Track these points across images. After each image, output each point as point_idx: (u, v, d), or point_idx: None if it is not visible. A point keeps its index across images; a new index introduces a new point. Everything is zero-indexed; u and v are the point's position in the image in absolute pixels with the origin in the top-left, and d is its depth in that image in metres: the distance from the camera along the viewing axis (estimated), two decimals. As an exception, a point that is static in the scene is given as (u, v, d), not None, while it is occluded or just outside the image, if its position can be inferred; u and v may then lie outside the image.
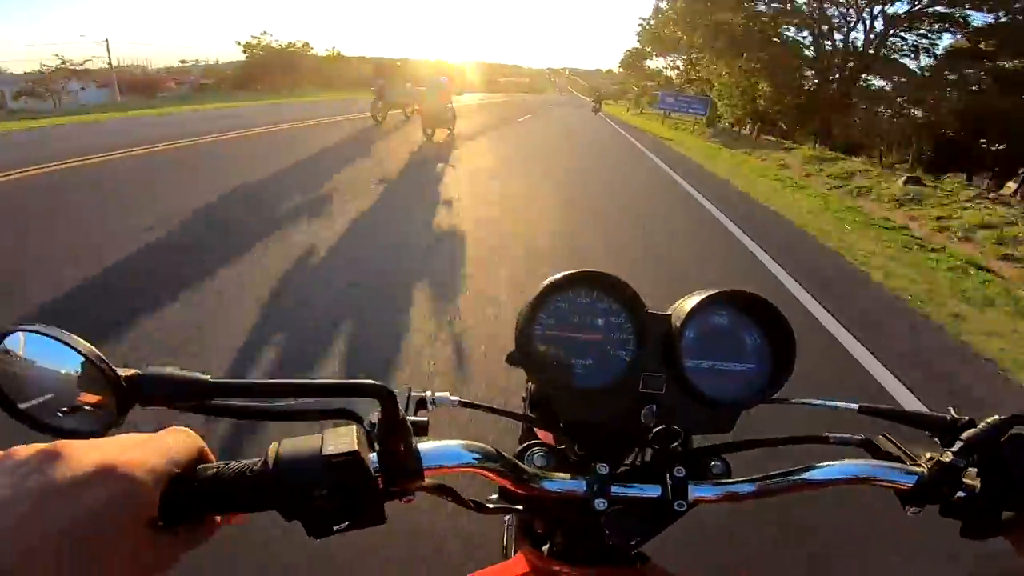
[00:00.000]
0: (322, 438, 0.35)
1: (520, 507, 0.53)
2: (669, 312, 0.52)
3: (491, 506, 0.53)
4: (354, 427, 0.37)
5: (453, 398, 0.49)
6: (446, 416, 1.93)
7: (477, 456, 0.43)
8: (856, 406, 0.53)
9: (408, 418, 0.40)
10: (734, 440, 0.53)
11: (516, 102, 36.39)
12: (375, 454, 0.37)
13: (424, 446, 0.40)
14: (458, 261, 4.01)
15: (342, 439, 0.35)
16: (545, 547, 0.59)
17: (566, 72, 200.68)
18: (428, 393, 0.49)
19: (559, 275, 0.50)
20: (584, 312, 0.51)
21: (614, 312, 0.52)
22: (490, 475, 0.44)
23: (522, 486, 0.46)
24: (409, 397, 0.47)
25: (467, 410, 0.51)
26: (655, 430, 0.47)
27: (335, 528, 0.35)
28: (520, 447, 0.53)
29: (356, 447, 0.34)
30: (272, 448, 0.35)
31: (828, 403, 0.54)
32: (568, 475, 0.48)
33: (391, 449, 0.37)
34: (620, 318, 0.51)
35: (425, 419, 0.43)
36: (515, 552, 0.64)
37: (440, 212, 5.39)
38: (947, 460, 0.43)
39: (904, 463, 0.47)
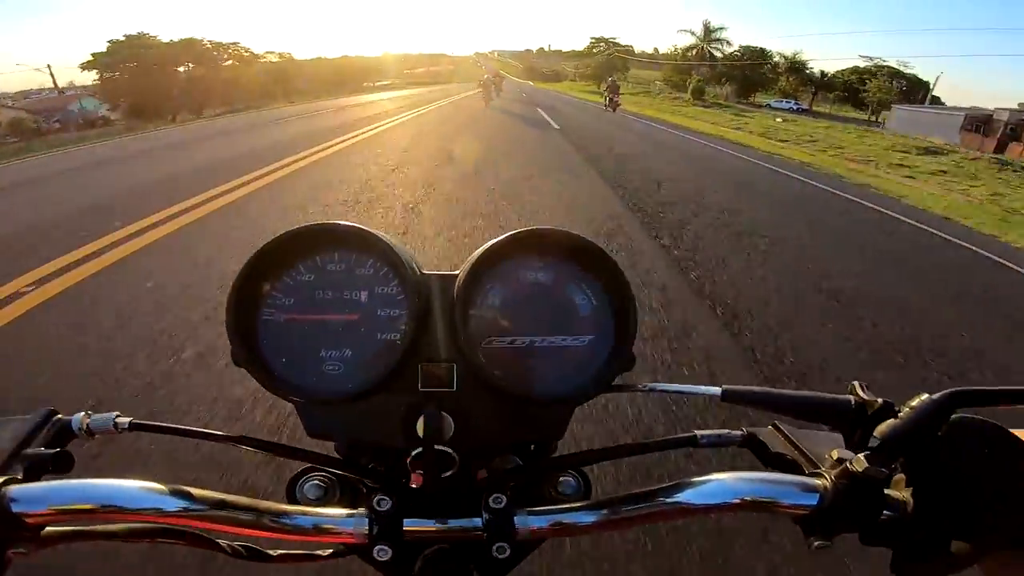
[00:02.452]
0: None
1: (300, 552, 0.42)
2: (458, 271, 0.40)
3: (275, 553, 0.42)
4: None
5: (123, 420, 0.38)
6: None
7: (130, 497, 0.32)
8: (719, 391, 0.40)
9: (28, 451, 0.33)
10: (585, 449, 0.41)
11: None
12: None
13: (33, 487, 0.31)
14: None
15: None
16: None
17: (495, 55, 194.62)
18: (79, 416, 0.38)
19: (289, 231, 0.38)
20: (337, 283, 0.40)
21: (380, 279, 0.40)
22: (165, 522, 0.34)
23: (266, 530, 0.35)
24: (51, 422, 0.37)
25: None
26: (432, 448, 0.36)
27: None
28: (297, 472, 0.41)
29: None
30: None
31: (684, 389, 0.41)
32: (345, 511, 0.36)
33: None
34: (389, 285, 0.40)
35: (57, 450, 0.34)
36: None
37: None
38: (859, 469, 0.31)
39: (802, 471, 0.36)
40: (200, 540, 0.39)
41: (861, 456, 0.32)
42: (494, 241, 0.40)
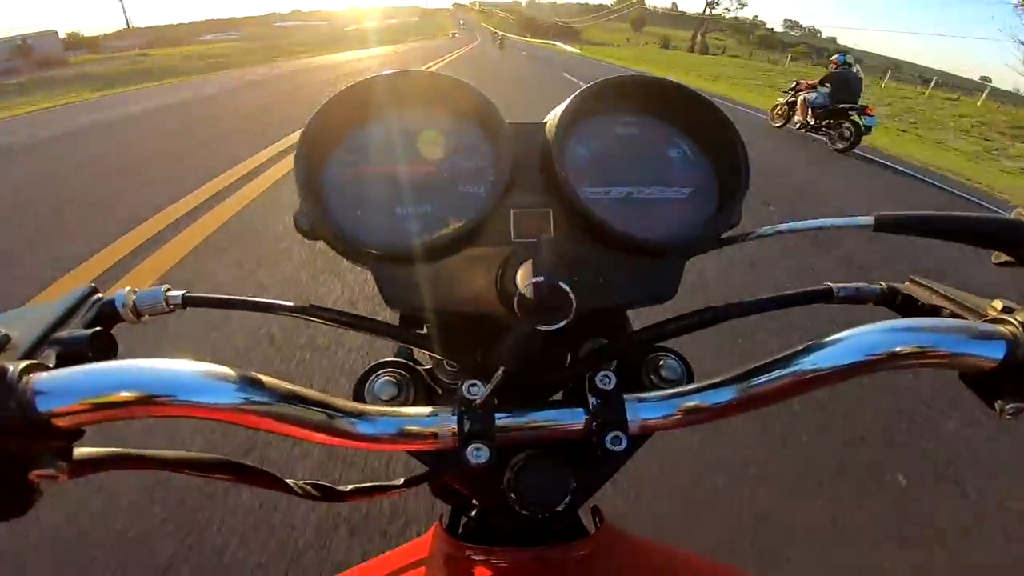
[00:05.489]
0: None
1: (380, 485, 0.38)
2: (546, 120, 0.37)
3: (346, 489, 0.38)
4: None
5: (175, 294, 0.33)
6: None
7: (183, 384, 0.25)
8: (871, 220, 0.34)
9: (60, 335, 0.27)
10: (680, 315, 0.36)
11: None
12: None
13: (63, 372, 0.24)
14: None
15: None
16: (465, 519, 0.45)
17: (477, 5, 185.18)
18: (124, 292, 0.33)
19: (362, 81, 0.35)
20: (411, 138, 0.36)
21: (461, 131, 0.37)
22: (227, 418, 0.26)
23: (337, 434, 0.28)
24: (89, 301, 0.32)
25: None
26: (534, 304, 0.28)
27: None
28: (367, 369, 0.37)
29: None
30: None
31: (824, 223, 0.35)
32: (428, 409, 0.31)
33: None
34: (471, 136, 0.37)
35: (96, 329, 0.28)
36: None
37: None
38: None
39: (967, 320, 0.29)
40: (264, 477, 0.34)
41: None
42: (583, 89, 0.37)
